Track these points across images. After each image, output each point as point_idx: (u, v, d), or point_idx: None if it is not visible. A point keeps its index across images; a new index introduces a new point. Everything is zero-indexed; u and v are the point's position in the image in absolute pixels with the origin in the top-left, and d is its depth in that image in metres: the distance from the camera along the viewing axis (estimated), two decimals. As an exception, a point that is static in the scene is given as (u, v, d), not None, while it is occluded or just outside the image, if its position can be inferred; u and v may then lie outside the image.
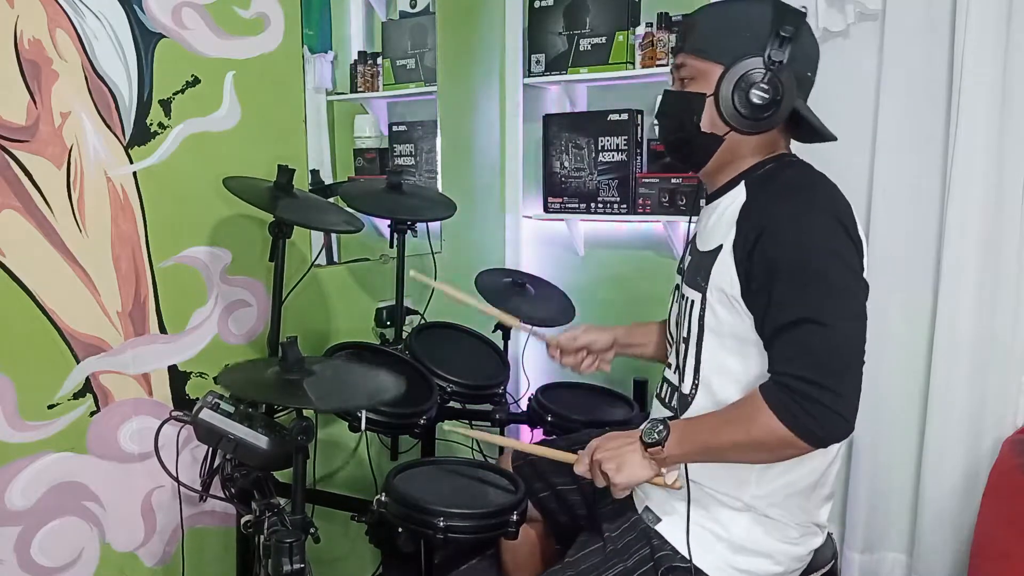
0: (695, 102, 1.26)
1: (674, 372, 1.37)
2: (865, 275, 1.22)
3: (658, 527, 1.31)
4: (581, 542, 1.38)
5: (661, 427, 1.22)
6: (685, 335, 1.32)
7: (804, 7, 1.28)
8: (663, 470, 1.26)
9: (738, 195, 1.26)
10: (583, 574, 1.30)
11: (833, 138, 1.31)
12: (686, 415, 1.30)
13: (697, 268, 1.30)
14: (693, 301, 1.30)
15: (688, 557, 1.26)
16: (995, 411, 1.96)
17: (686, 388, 1.32)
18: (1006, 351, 1.94)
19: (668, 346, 1.47)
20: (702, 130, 1.27)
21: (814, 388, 1.10)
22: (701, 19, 1.29)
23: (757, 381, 1.19)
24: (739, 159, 1.29)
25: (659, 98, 1.42)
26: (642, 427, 1.25)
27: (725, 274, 1.22)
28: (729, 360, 1.26)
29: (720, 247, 1.24)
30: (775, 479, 1.26)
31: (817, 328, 1.12)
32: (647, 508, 1.34)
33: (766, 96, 1.21)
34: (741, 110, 1.23)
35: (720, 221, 1.27)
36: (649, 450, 1.23)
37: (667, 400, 1.39)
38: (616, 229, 2.60)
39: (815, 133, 1.31)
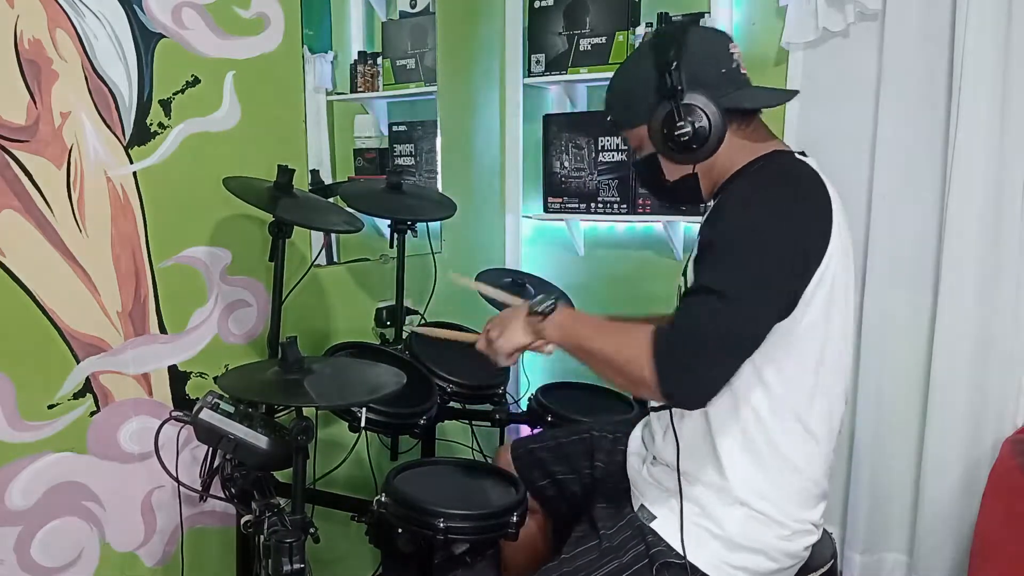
0: (652, 165, 1.34)
1: None
2: (827, 284, 1.21)
3: (653, 524, 1.32)
4: (576, 539, 1.39)
5: (552, 303, 1.30)
6: None
7: (676, 15, 1.31)
8: (545, 343, 1.32)
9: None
10: (579, 570, 1.31)
11: (787, 98, 1.37)
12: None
13: (688, 260, 1.35)
14: (680, 288, 1.35)
15: (683, 554, 1.27)
16: (995, 411, 1.96)
17: None
18: (1006, 351, 1.94)
19: None
20: (672, 181, 1.34)
21: (690, 354, 1.14)
22: (611, 95, 1.39)
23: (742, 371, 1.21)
24: (728, 166, 1.31)
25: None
26: (536, 295, 1.32)
27: (693, 259, 1.27)
28: None
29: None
30: (762, 473, 1.27)
31: (722, 303, 1.15)
32: (642, 506, 1.36)
33: (687, 129, 1.25)
34: (681, 151, 1.27)
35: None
36: (531, 316, 1.31)
37: None
38: (616, 229, 2.60)
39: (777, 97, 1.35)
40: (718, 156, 1.29)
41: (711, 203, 1.34)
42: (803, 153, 1.32)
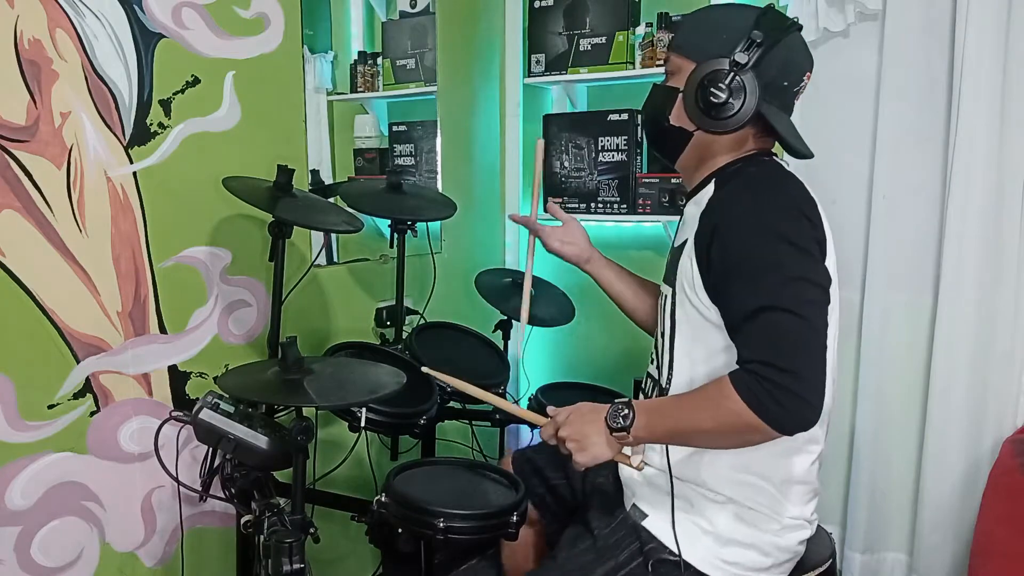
0: (669, 96, 1.32)
1: (655, 367, 1.40)
2: (830, 266, 1.22)
3: (645, 523, 1.33)
4: (570, 538, 1.39)
5: (627, 411, 1.22)
6: (662, 330, 1.36)
7: (796, 18, 1.31)
8: (627, 450, 1.26)
9: (708, 192, 1.29)
10: (575, 571, 1.31)
11: (803, 153, 1.32)
12: None
13: (670, 264, 1.35)
14: (666, 296, 1.34)
15: (676, 551, 1.27)
16: (995, 411, 1.96)
17: (664, 381, 1.35)
18: (1006, 351, 1.94)
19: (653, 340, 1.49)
20: (671, 123, 1.32)
21: (777, 372, 1.10)
22: (691, 18, 1.37)
23: (725, 370, 1.19)
24: (713, 158, 1.32)
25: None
26: (608, 409, 1.24)
27: (688, 268, 1.25)
28: (698, 351, 1.28)
29: (686, 242, 1.28)
30: (746, 470, 1.27)
31: (775, 314, 1.12)
32: (634, 505, 1.36)
33: (721, 96, 1.23)
34: (701, 108, 1.26)
35: (691, 217, 1.30)
36: (615, 434, 1.23)
37: (649, 393, 1.41)
38: (616, 229, 2.60)
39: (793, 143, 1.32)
40: (723, 141, 1.29)
41: (690, 208, 1.33)
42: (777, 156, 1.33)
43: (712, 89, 1.23)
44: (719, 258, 1.19)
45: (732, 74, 1.22)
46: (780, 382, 1.09)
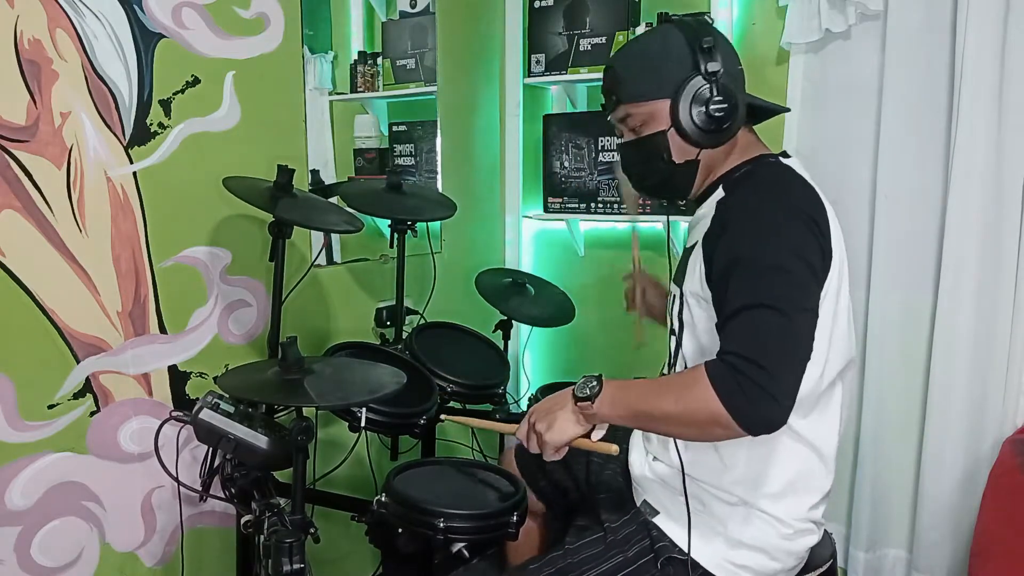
0: (659, 142, 1.28)
1: (668, 367, 1.40)
2: (834, 280, 1.21)
3: (656, 520, 1.33)
4: (578, 529, 1.40)
5: (595, 383, 1.20)
6: (671, 330, 1.37)
7: (709, 17, 1.34)
8: (595, 428, 1.25)
9: (718, 195, 1.29)
10: (584, 563, 1.31)
11: (784, 109, 1.39)
12: None
13: (680, 265, 1.35)
14: (675, 296, 1.34)
15: (686, 550, 1.28)
16: (995, 411, 1.96)
17: None
18: (1006, 351, 1.94)
19: None
20: (677, 163, 1.29)
21: (754, 368, 1.07)
22: (622, 68, 1.33)
23: None
24: (715, 167, 1.32)
25: (616, 155, 1.45)
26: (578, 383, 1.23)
27: (697, 268, 1.25)
28: (708, 351, 1.27)
29: (696, 243, 1.28)
30: (763, 472, 1.27)
31: (768, 313, 1.10)
32: (645, 502, 1.36)
33: (724, 105, 1.23)
34: (706, 128, 1.25)
35: (700, 220, 1.31)
36: (579, 404, 1.21)
37: None
38: (616, 229, 2.60)
39: (766, 112, 1.36)
40: (715, 153, 1.29)
41: (700, 211, 1.33)
42: (785, 154, 1.33)
43: (711, 106, 1.23)
44: (721, 256, 1.19)
45: (714, 84, 1.23)
46: (754, 377, 1.07)
